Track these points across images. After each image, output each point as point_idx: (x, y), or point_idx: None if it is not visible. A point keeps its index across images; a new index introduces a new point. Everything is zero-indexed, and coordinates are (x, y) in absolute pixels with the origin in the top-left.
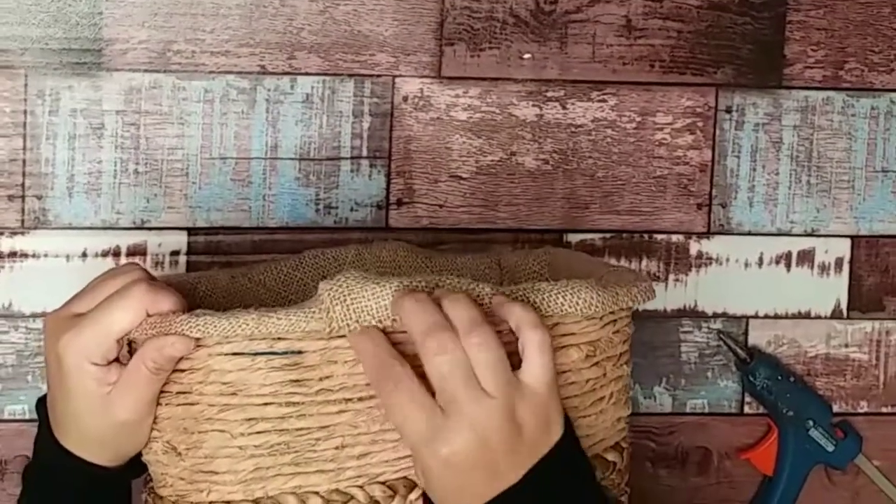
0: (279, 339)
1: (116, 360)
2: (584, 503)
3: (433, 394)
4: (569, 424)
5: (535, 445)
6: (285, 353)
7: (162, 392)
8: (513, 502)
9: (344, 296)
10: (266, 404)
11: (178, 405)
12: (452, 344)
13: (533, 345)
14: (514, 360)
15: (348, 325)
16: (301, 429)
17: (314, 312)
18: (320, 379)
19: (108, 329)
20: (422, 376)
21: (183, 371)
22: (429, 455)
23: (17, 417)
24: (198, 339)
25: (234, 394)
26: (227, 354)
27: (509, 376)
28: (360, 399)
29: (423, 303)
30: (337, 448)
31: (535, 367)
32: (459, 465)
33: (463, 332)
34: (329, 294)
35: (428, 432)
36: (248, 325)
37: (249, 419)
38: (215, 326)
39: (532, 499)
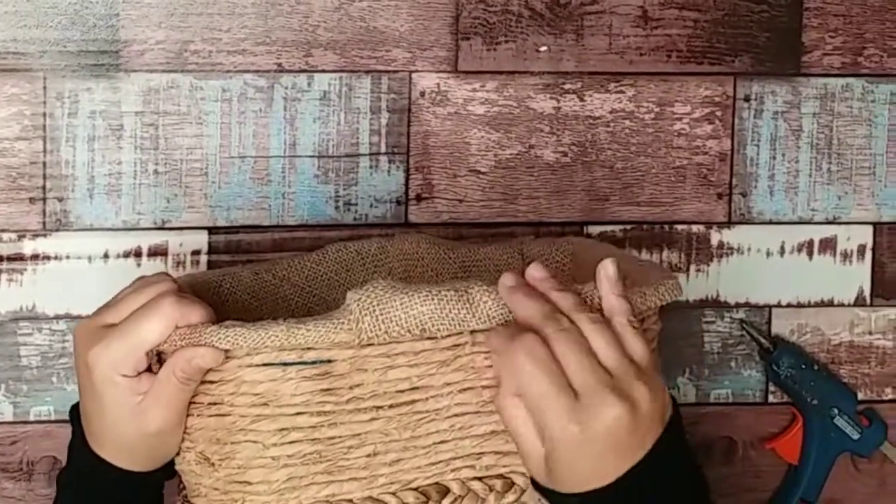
0: (309, 348)
1: (147, 369)
2: (698, 480)
3: None
4: (675, 403)
5: (653, 422)
6: (315, 362)
7: (193, 403)
8: (637, 480)
9: (373, 306)
10: (298, 414)
11: (210, 416)
12: (570, 324)
13: (626, 328)
14: None
15: (377, 335)
16: (333, 437)
17: (343, 323)
18: (350, 387)
19: (138, 342)
20: None
21: (214, 382)
22: (560, 431)
23: (43, 419)
24: (227, 351)
25: (265, 404)
26: (257, 366)
27: (623, 352)
28: (392, 406)
29: (536, 293)
30: (369, 455)
31: (634, 345)
32: (589, 444)
33: (576, 316)
34: (358, 304)
35: (561, 410)
36: (277, 336)
37: (281, 429)
38: (245, 338)
39: (655, 477)
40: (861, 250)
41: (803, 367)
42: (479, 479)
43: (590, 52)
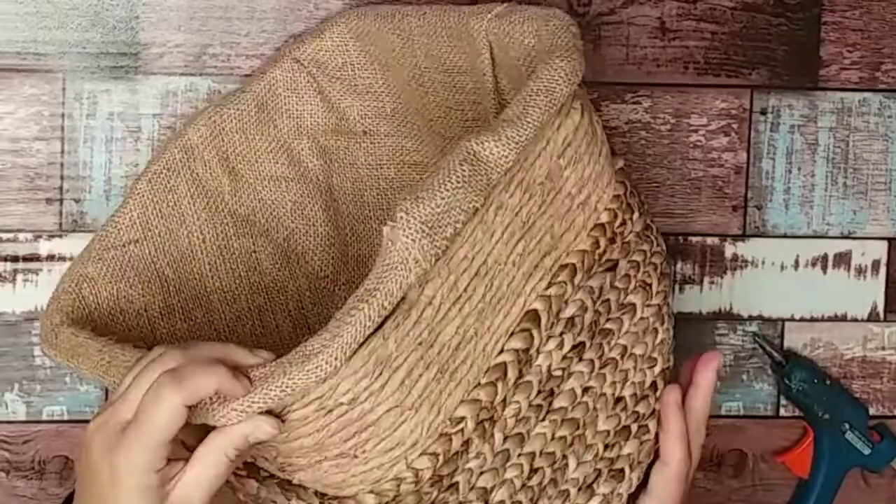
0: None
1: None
2: None
3: None
4: None
5: None
6: None
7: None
8: None
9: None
10: None
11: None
12: None
13: None
14: None
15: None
16: None
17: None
18: None
19: (158, 439)
20: None
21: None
22: None
23: (56, 418)
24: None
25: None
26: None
27: None
28: None
29: None
30: None
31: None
32: None
33: None
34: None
35: None
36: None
37: None
38: (293, 381)
39: None
40: (875, 265)
41: (815, 381)
42: None
43: (607, 63)
